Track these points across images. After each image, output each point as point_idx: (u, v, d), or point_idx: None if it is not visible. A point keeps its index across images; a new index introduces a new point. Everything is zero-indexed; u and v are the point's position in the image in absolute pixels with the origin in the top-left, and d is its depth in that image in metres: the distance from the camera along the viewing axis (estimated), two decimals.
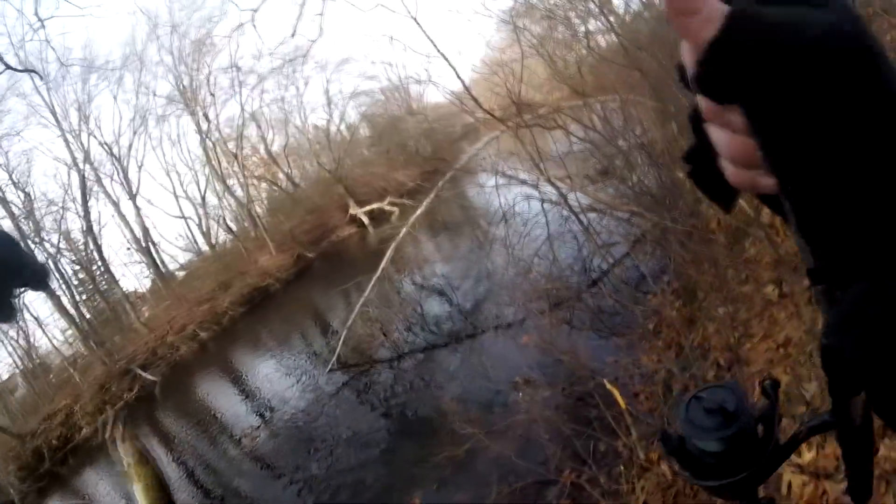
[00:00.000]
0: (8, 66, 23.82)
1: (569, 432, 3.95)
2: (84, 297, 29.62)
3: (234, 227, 31.82)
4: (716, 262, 3.94)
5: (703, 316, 3.82)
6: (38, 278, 0.66)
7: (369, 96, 34.22)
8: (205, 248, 32.37)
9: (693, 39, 0.31)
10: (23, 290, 0.65)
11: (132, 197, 29.31)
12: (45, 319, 30.38)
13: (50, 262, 27.22)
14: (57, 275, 27.58)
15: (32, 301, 35.28)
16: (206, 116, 29.73)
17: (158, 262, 30.40)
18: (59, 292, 26.04)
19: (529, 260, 7.55)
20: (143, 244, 29.58)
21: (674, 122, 5.22)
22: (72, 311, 26.46)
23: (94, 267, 29.49)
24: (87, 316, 28.07)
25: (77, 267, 29.20)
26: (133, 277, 37.36)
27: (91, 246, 28.63)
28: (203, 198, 32.31)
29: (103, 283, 30.04)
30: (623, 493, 3.03)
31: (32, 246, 26.36)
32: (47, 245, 27.29)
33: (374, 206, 27.08)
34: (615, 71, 6.67)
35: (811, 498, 1.89)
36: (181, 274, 31.86)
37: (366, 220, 27.49)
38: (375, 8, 7.38)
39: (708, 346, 3.51)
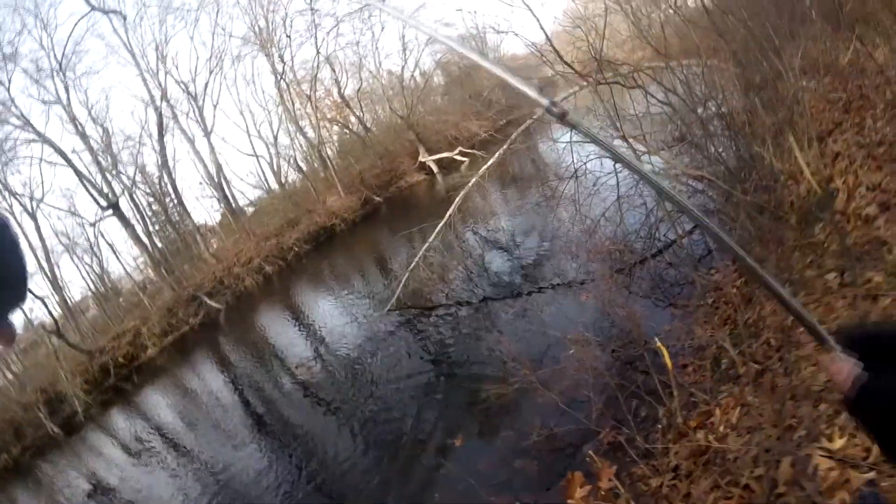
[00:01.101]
0: (93, 7, 24.89)
1: (614, 390, 4.10)
2: (157, 227, 31.42)
3: (304, 168, 32.57)
4: (782, 242, 3.89)
5: (761, 295, 3.82)
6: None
7: (444, 44, 33.62)
8: (274, 186, 33.42)
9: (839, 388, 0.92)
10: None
11: (207, 134, 30.32)
12: (118, 247, 32.64)
13: (126, 193, 28.44)
14: (132, 205, 28.63)
15: (108, 230, 37.73)
16: (281, 58, 30.09)
17: (229, 197, 31.46)
18: (133, 222, 27.55)
19: (596, 220, 7.52)
20: (216, 180, 30.73)
21: (755, 92, 5.03)
22: (144, 239, 28.03)
23: (168, 199, 30.94)
24: (159, 245, 29.72)
25: (151, 199, 30.68)
26: (204, 211, 39.31)
27: (165, 180, 29.94)
28: (275, 137, 33.21)
29: (175, 214, 31.54)
30: (657, 455, 3.19)
31: (109, 178, 27.62)
32: (124, 178, 28.63)
33: (445, 154, 27.12)
34: (700, 34, 6.41)
35: (835, 483, 1.98)
36: (250, 210, 33.05)
37: (435, 168, 27.63)
38: None
39: (762, 326, 3.53)
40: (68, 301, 28.15)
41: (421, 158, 28.46)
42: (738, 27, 5.15)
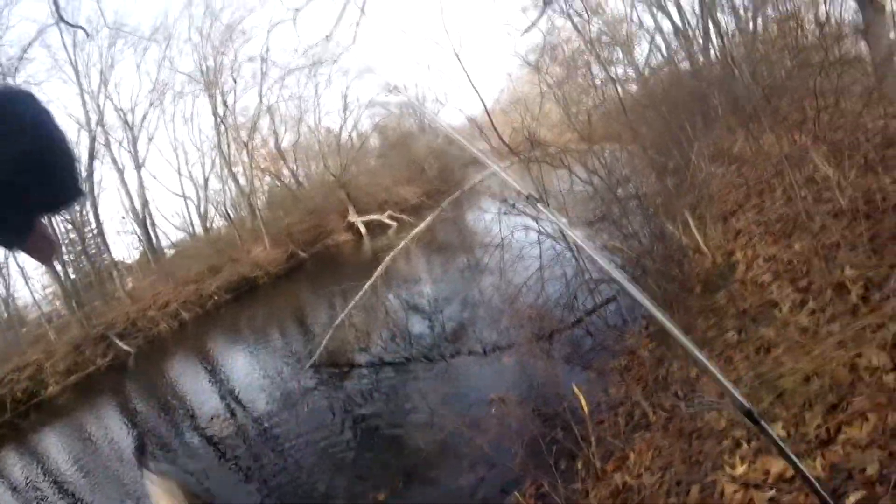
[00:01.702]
0: (62, 19, 24.08)
1: (536, 442, 4.29)
2: (72, 257, 29.58)
3: (231, 215, 31.94)
4: (688, 308, 4.34)
5: (670, 355, 4.20)
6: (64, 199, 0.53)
7: (384, 108, 34.78)
8: (199, 230, 32.59)
9: None
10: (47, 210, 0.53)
11: (138, 167, 29.58)
12: (28, 272, 30.27)
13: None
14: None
15: (19, 253, 35.15)
16: (224, 101, 30.14)
17: (152, 235, 30.46)
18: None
19: (518, 288, 7.87)
20: (140, 215, 29.69)
21: (669, 176, 5.65)
22: (58, 268, 26.28)
23: (87, 229, 29.61)
24: (72, 276, 28.09)
25: (70, 226, 29.09)
26: (123, 247, 37.50)
27: (88, 207, 28.57)
28: (206, 180, 32.72)
29: (93, 247, 30.12)
30: (578, 498, 3.37)
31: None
32: None
33: (374, 216, 27.46)
34: (621, 123, 7.13)
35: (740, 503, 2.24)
36: (171, 252, 31.85)
37: (363, 229, 27.84)
38: (423, 40, 7.76)
39: (670, 380, 3.89)
40: None
41: (350, 218, 28.67)
42: (656, 119, 5.81)
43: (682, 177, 5.82)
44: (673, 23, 12.66)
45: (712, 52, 9.57)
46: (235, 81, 30.28)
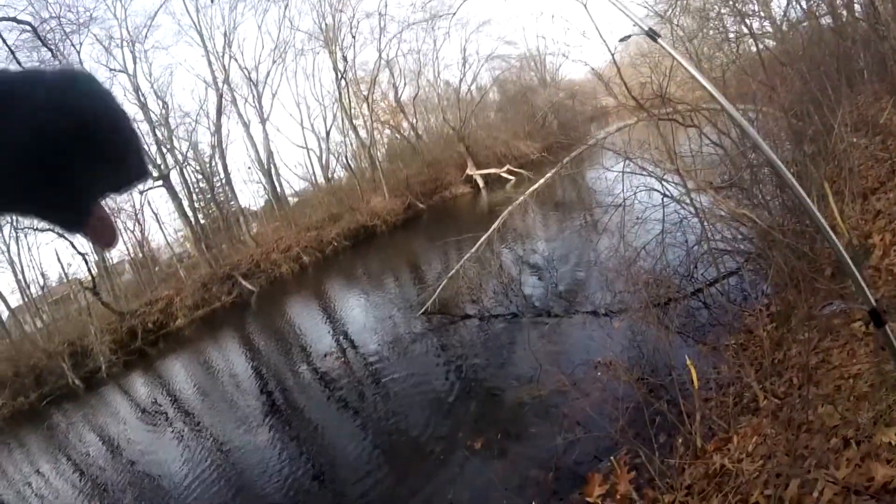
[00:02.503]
0: None
1: (639, 411, 4.30)
2: (202, 204, 32.48)
3: (352, 165, 33.36)
4: (816, 291, 4.06)
5: (790, 339, 3.99)
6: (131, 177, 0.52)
7: (504, 61, 34.17)
8: (321, 180, 34.38)
9: None
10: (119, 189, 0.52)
11: (262, 121, 31.45)
12: (163, 218, 33.67)
13: (177, 167, 29.40)
14: (181, 180, 29.58)
15: (154, 199, 38.88)
16: (343, 57, 31.08)
17: (276, 184, 32.47)
18: (181, 196, 28.63)
19: (637, 252, 7.64)
20: (265, 166, 31.75)
21: (806, 144, 5.19)
22: (189, 214, 28.98)
23: (216, 179, 32.04)
24: (202, 221, 30.77)
25: (200, 176, 31.82)
26: (249, 195, 40.55)
27: (217, 159, 31.05)
28: (328, 133, 34.22)
29: (221, 194, 32.63)
30: (673, 474, 3.39)
31: (164, 151, 28.72)
32: (177, 152, 29.87)
33: (492, 170, 27.46)
34: (757, 82, 6.57)
35: None
36: (294, 200, 33.91)
37: (481, 182, 27.96)
38: None
39: (787, 366, 3.71)
40: (107, 262, 29.64)
41: (468, 171, 28.85)
42: (795, 79, 5.31)
43: (820, 145, 5.30)
44: None
45: (857, 6, 8.42)
46: (354, 37, 31.05)
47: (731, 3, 7.37)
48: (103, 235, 0.52)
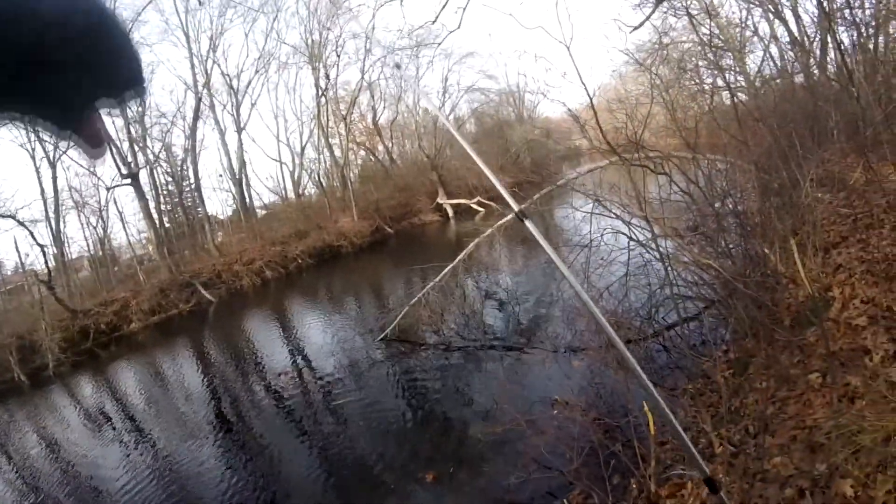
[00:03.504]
0: None
1: (594, 452, 4.23)
2: (168, 207, 31.89)
3: (324, 183, 33.00)
4: (774, 339, 4.09)
5: (747, 387, 3.99)
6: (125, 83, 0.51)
7: (484, 94, 34.70)
8: (291, 195, 33.96)
9: None
10: (112, 97, 0.51)
11: (238, 130, 31.19)
12: (127, 217, 32.93)
13: (147, 167, 28.88)
14: (150, 180, 29.11)
15: (120, 198, 38.13)
16: (326, 74, 31.07)
17: (245, 195, 32.05)
18: (148, 196, 27.90)
19: (600, 292, 7.68)
20: (237, 175, 31.34)
21: (772, 196, 5.31)
22: (154, 216, 28.35)
23: (186, 183, 31.63)
24: (167, 225, 30.22)
25: (170, 178, 31.31)
26: (218, 203, 40.08)
27: (188, 163, 30.63)
28: (302, 149, 34.04)
29: (189, 199, 32.13)
30: None
31: (136, 149, 28.09)
32: (149, 151, 29.31)
33: (463, 200, 27.64)
34: (728, 134, 6.74)
35: None
36: (262, 213, 33.48)
37: (451, 212, 28.10)
38: (535, 29, 7.54)
39: (743, 413, 3.70)
40: (66, 256, 28.74)
41: (439, 200, 29.01)
42: (766, 133, 5.46)
43: (786, 198, 5.45)
44: (790, 32, 11.78)
45: (830, 67, 8.85)
46: (339, 56, 31.25)
47: (708, 56, 7.63)
48: (94, 143, 0.52)
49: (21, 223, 26.40)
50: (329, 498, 6.01)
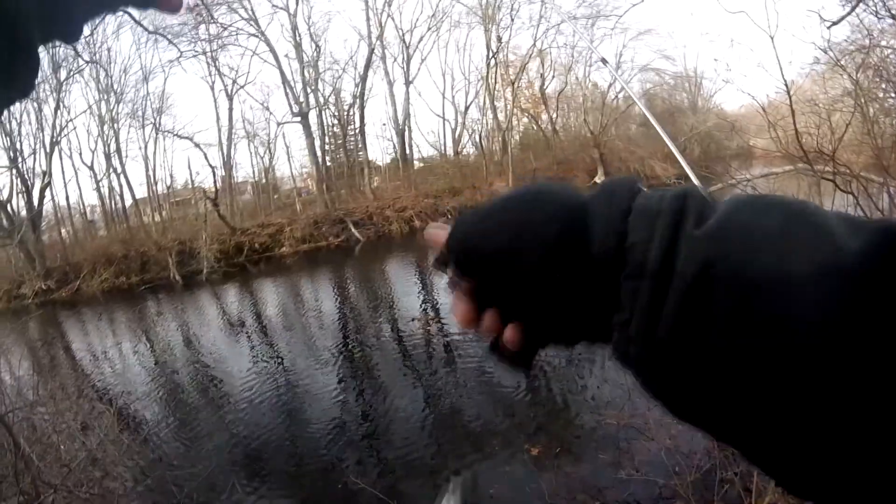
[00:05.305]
0: None
1: (710, 472, 4.17)
2: (332, 147, 33.98)
3: (483, 145, 33.30)
4: None
5: None
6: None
7: (658, 75, 32.72)
8: (450, 151, 34.60)
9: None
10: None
11: (406, 83, 32.30)
12: (293, 152, 35.83)
13: (317, 109, 31.17)
14: (318, 121, 31.38)
15: (289, 133, 41.21)
16: (498, 37, 30.89)
17: (406, 145, 33.08)
18: (314, 135, 30.52)
19: None
20: (400, 126, 32.50)
21: None
22: (318, 153, 30.60)
23: (350, 127, 33.55)
24: (329, 163, 32.13)
25: (336, 122, 33.33)
26: (378, 150, 42.09)
27: (355, 109, 32.31)
28: (467, 108, 34.44)
29: (352, 142, 33.91)
30: None
31: (308, 92, 30.50)
32: (319, 94, 31.41)
33: None
34: None
35: None
36: (419, 165, 34.58)
37: None
38: (738, 13, 6.98)
39: None
40: (232, 179, 32.14)
41: (597, 179, 28.18)
42: None
43: None
44: None
45: None
46: (513, 20, 30.84)
47: None
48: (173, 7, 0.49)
49: (197, 145, 30.44)
50: (430, 442, 6.15)
